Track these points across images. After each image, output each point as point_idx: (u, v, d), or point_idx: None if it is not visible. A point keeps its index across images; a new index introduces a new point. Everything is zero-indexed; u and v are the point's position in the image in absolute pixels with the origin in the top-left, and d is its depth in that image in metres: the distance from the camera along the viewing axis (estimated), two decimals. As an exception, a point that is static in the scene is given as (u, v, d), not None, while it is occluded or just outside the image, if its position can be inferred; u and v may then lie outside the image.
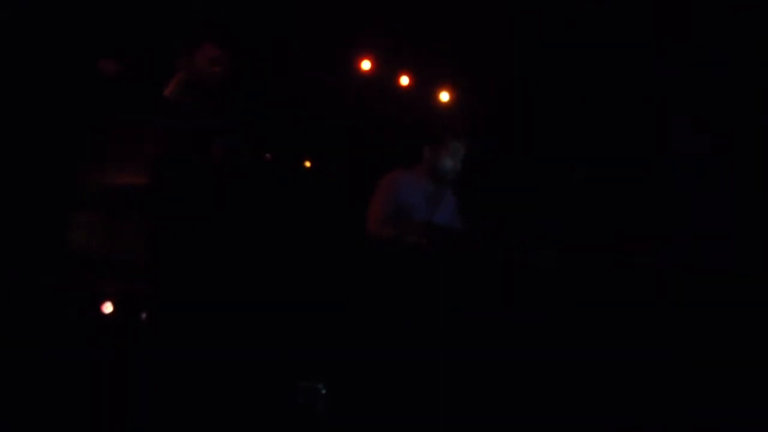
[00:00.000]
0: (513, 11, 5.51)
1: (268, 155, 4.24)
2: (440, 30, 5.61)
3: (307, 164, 5.52)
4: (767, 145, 4.95)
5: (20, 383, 3.55)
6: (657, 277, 4.05)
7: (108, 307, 3.97)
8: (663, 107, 5.32)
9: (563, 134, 5.67)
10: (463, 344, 3.66)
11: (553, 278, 3.86)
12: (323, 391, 3.68)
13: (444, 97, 6.17)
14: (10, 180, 3.99)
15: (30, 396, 3.54)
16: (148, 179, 3.69)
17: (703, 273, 4.27)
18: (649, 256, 4.29)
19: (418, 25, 5.65)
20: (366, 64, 5.97)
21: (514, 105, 5.76)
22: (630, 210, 5.27)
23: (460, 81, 6.09)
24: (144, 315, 3.83)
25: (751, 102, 5.01)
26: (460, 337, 3.68)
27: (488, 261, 3.91)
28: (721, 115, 5.12)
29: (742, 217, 4.96)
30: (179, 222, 3.68)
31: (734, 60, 5.01)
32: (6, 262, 3.92)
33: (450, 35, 5.61)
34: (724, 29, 5.01)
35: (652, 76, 5.33)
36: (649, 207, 5.25)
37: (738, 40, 4.98)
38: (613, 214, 5.27)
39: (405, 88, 6.11)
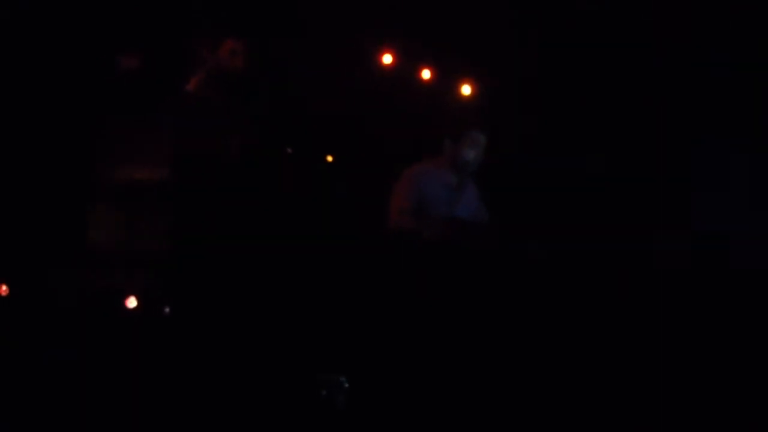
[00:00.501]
0: (523, 8, 5.51)
1: (288, 149, 4.25)
2: (461, 23, 5.60)
3: (329, 158, 5.53)
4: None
5: (45, 377, 3.59)
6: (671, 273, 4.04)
7: (132, 302, 3.99)
8: (667, 107, 5.30)
9: (574, 129, 5.66)
10: (483, 338, 3.65)
11: (571, 272, 3.85)
12: (345, 385, 3.68)
13: (466, 90, 6.16)
14: (33, 177, 4.03)
15: (55, 389, 3.56)
16: (169, 175, 3.71)
17: (709, 270, 4.26)
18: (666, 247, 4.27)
19: (439, 19, 5.64)
20: (387, 58, 5.97)
21: (525, 100, 5.75)
22: (640, 204, 5.26)
23: (481, 74, 6.08)
24: (167, 309, 3.85)
25: (752, 101, 4.98)
26: (481, 330, 3.67)
27: (509, 254, 3.90)
28: (723, 115, 5.09)
29: (743, 216, 4.94)
30: (200, 216, 3.69)
31: (734, 60, 4.98)
32: (30, 259, 3.95)
33: (470, 28, 5.60)
34: (724, 29, 4.97)
35: (653, 75, 5.31)
36: (657, 202, 5.24)
37: (738, 40, 4.94)
38: (625, 208, 5.26)
39: (427, 81, 6.10)
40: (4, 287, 3.87)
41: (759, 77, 4.94)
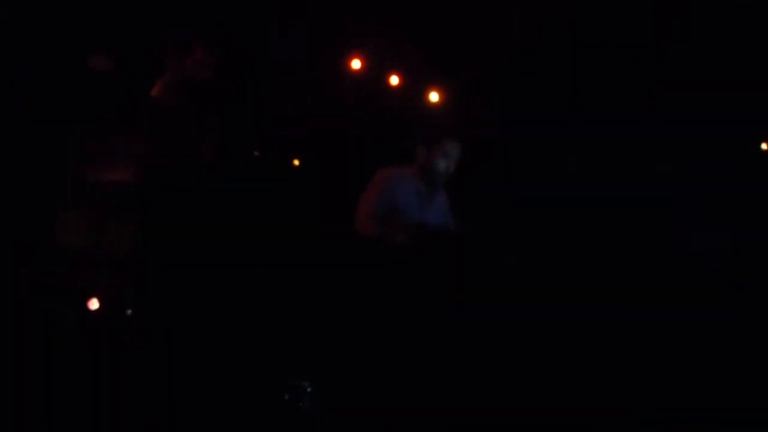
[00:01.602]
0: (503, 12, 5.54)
1: (256, 152, 4.24)
2: (431, 29, 5.62)
3: (296, 162, 5.52)
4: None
5: (4, 381, 3.53)
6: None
7: (94, 304, 3.94)
8: (660, 110, 5.34)
9: (554, 132, 5.69)
10: (449, 343, 3.66)
11: (543, 278, 3.88)
12: (308, 389, 3.67)
13: (433, 97, 6.18)
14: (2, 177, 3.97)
15: (13, 394, 3.52)
16: (137, 177, 3.68)
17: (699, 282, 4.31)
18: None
19: (408, 25, 5.66)
20: (356, 63, 5.98)
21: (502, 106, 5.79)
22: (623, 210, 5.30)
23: (452, 81, 6.10)
24: (129, 311, 3.81)
25: (751, 104, 5.02)
26: (447, 336, 3.68)
27: (478, 261, 3.92)
28: (720, 119, 5.14)
29: (737, 221, 4.99)
30: (167, 219, 3.67)
31: (734, 60, 5.02)
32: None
33: (441, 34, 5.62)
34: (723, 29, 5.01)
35: (647, 76, 5.34)
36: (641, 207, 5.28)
37: (738, 40, 4.98)
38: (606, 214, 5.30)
39: (395, 87, 6.12)
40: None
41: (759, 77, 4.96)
